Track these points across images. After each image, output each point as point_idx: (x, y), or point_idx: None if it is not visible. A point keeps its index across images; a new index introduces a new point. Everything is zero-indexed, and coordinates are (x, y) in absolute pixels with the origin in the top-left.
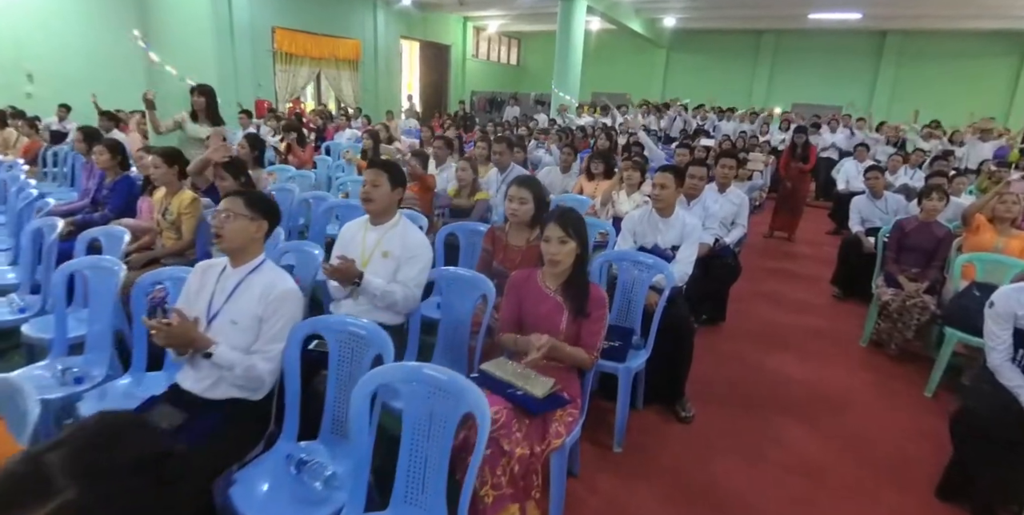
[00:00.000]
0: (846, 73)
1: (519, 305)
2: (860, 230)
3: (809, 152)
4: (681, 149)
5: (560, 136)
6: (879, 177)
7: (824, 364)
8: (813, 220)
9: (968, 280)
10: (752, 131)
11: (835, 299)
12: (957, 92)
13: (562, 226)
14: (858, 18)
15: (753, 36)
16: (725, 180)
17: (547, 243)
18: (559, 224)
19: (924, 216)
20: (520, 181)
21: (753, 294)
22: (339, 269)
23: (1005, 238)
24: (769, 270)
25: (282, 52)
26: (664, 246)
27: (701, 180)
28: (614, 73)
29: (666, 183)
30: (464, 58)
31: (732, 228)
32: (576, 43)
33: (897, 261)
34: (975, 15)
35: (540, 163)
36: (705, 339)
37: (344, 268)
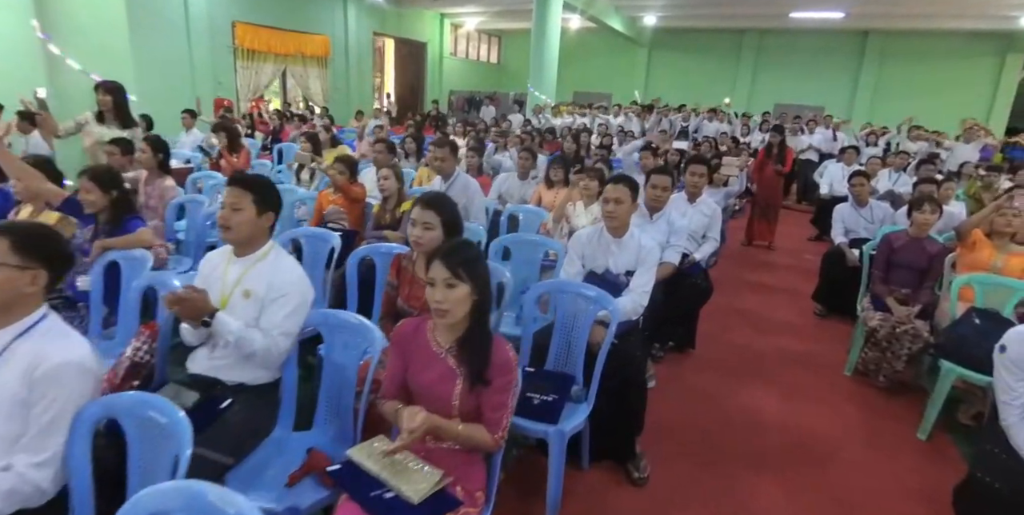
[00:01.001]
0: (828, 73)
1: (404, 365)
2: (843, 242)
3: (786, 154)
4: (644, 151)
5: (522, 138)
6: (865, 183)
7: (805, 400)
8: (794, 224)
9: (966, 303)
10: (732, 132)
11: (817, 317)
12: (939, 92)
13: (449, 266)
14: (840, 17)
15: (735, 35)
16: (695, 189)
17: (431, 288)
18: (445, 263)
19: (915, 231)
20: (425, 201)
21: (728, 312)
22: (183, 299)
23: (1005, 255)
24: (747, 283)
25: (244, 48)
26: (617, 271)
27: (665, 191)
28: (595, 72)
29: (620, 197)
30: (441, 56)
31: (703, 242)
32: (552, 41)
33: (885, 281)
34: (956, 15)
35: (500, 168)
36: (671, 370)
37: (190, 298)
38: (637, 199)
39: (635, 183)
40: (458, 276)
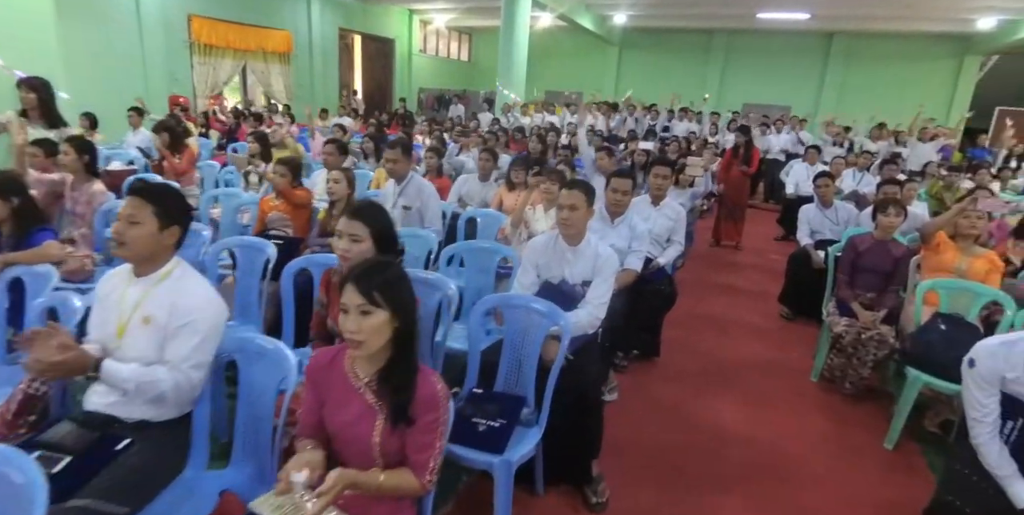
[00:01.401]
0: (796, 74)
1: (320, 401)
2: (809, 243)
3: (752, 154)
4: (600, 152)
5: (484, 138)
6: (829, 185)
7: (771, 409)
8: (761, 223)
9: (931, 307)
10: (701, 132)
11: (783, 319)
12: (902, 93)
13: (363, 290)
14: (806, 19)
15: (704, 35)
16: (659, 191)
17: (344, 315)
18: (358, 287)
19: (880, 234)
20: (353, 211)
21: (694, 317)
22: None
23: (968, 257)
24: (714, 285)
25: (200, 43)
26: (573, 281)
27: (625, 195)
28: (567, 71)
29: (575, 204)
30: (410, 53)
31: (667, 246)
32: (521, 39)
33: (851, 285)
34: (917, 17)
35: (463, 169)
36: (635, 381)
37: (51, 364)
38: (593, 205)
39: (591, 188)
40: (374, 301)
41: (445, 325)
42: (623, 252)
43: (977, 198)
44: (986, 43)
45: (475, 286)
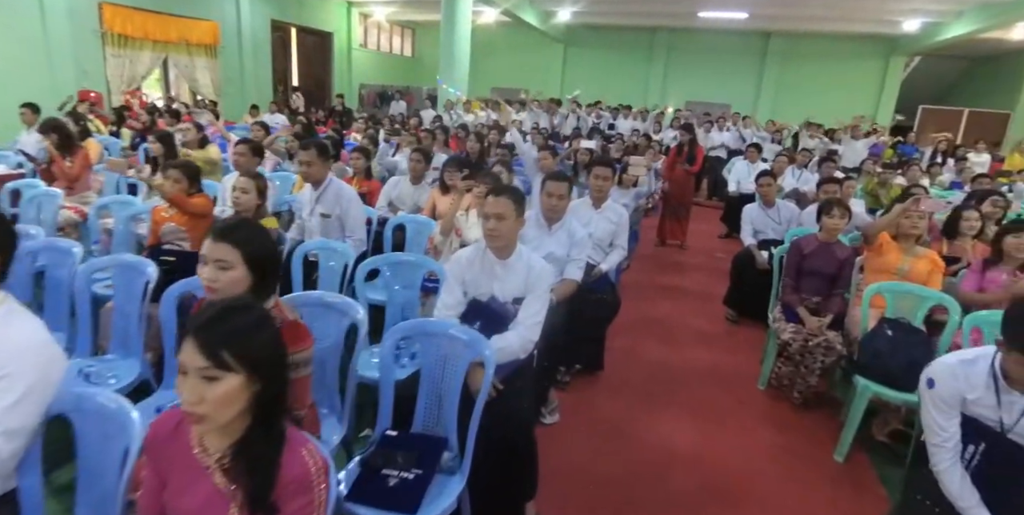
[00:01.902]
0: (735, 72)
1: (161, 481)
2: (752, 243)
3: (696, 152)
4: (544, 152)
5: (418, 137)
6: (772, 184)
7: (718, 423)
8: (705, 221)
9: (877, 309)
10: (645, 129)
11: (729, 322)
12: (833, 91)
13: (206, 348)
14: (744, 18)
15: (647, 33)
16: (600, 193)
17: (181, 378)
18: (200, 344)
19: (824, 236)
20: (219, 231)
21: (640, 323)
22: None
23: (911, 258)
24: (659, 288)
25: (114, 33)
26: (503, 298)
27: (562, 199)
28: (512, 68)
29: (502, 213)
30: (350, 47)
31: (610, 251)
32: (462, 34)
33: (796, 289)
34: (846, 19)
35: (396, 170)
36: (577, 398)
37: None
38: (524, 214)
39: (520, 195)
40: (222, 364)
41: (356, 354)
42: (562, 260)
43: (919, 199)
44: (910, 44)
45: (398, 303)
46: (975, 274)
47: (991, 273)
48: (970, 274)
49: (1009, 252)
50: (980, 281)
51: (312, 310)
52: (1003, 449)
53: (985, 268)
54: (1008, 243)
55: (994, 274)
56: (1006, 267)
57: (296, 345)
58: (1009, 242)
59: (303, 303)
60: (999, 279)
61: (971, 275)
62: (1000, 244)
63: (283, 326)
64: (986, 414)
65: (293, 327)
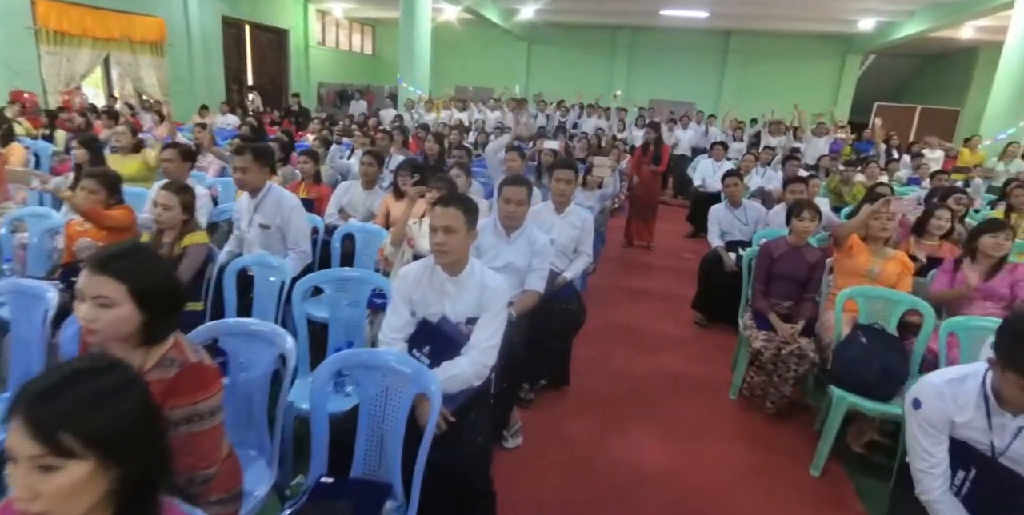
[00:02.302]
0: (697, 70)
1: None
2: (720, 245)
3: (662, 152)
4: (511, 153)
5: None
6: (738, 184)
7: (689, 437)
8: (671, 220)
9: (849, 314)
10: (610, 128)
11: (698, 327)
12: (792, 89)
13: (40, 434)
14: (705, 17)
15: (610, 32)
16: (563, 197)
17: (12, 468)
18: (30, 427)
19: (795, 239)
20: (98, 262)
21: (607, 330)
22: None
23: (881, 260)
24: (626, 291)
25: (49, 30)
26: (456, 319)
27: (520, 205)
28: (476, 66)
29: (451, 224)
30: (307, 45)
31: (574, 257)
32: (422, 31)
33: (766, 294)
34: (804, 18)
35: (350, 174)
36: (542, 417)
37: None
38: (476, 225)
39: (471, 205)
40: (60, 449)
41: (285, 391)
42: (523, 271)
43: (889, 200)
44: (865, 43)
45: (342, 323)
46: (946, 274)
47: (962, 273)
48: (941, 274)
49: (985, 251)
50: (951, 281)
51: (235, 339)
52: (994, 475)
53: (957, 268)
54: (984, 243)
55: (966, 274)
56: (978, 267)
57: (199, 392)
58: (986, 242)
59: (225, 332)
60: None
61: (942, 275)
62: (975, 243)
63: (183, 371)
64: (976, 437)
65: (196, 371)
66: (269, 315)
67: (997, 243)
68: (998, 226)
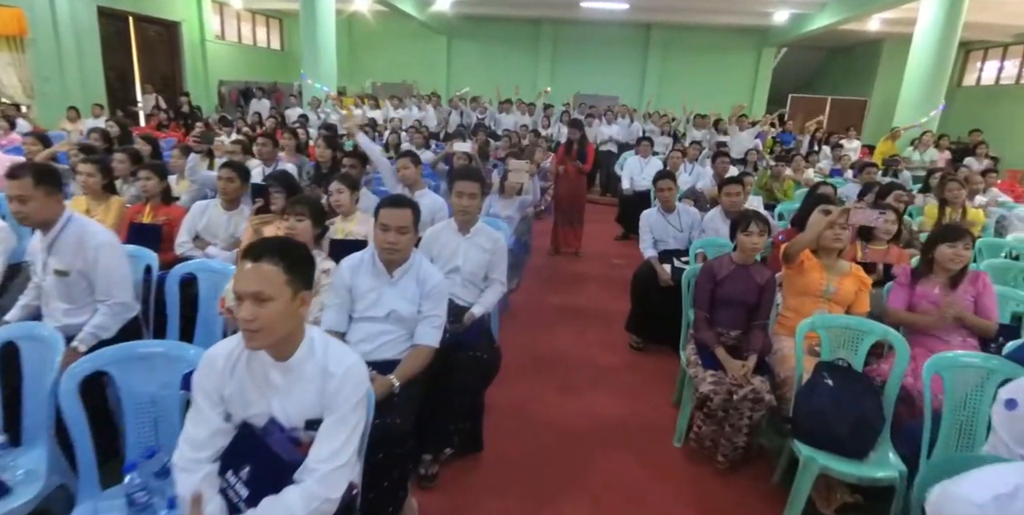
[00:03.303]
0: (620, 64)
1: None
2: (653, 256)
3: (586, 151)
4: (404, 159)
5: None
6: (671, 187)
7: (631, 502)
8: (600, 220)
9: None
10: (533, 124)
11: (633, 350)
12: (712, 82)
13: None
14: (625, 9)
15: (532, 25)
16: (467, 216)
17: None
18: None
19: (741, 257)
20: None
21: (530, 365)
22: None
23: (836, 276)
24: (553, 310)
25: None
26: (290, 423)
27: (404, 233)
28: (394, 61)
29: (261, 292)
30: (203, 39)
31: (485, 286)
32: (326, 23)
33: (710, 322)
34: (721, 11)
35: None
36: (447, 503)
37: None
38: (312, 284)
39: (300, 253)
40: None
41: None
42: (410, 321)
43: (848, 210)
44: (779, 36)
45: (143, 419)
46: (903, 288)
47: (921, 287)
48: (897, 289)
49: (942, 263)
50: (909, 296)
51: None
52: None
53: (914, 281)
54: (941, 253)
55: (925, 288)
56: (937, 279)
57: None
58: (943, 252)
59: None
60: (931, 294)
61: (899, 290)
62: (931, 253)
63: None
64: None
65: None
66: (39, 412)
67: (956, 254)
68: (956, 234)
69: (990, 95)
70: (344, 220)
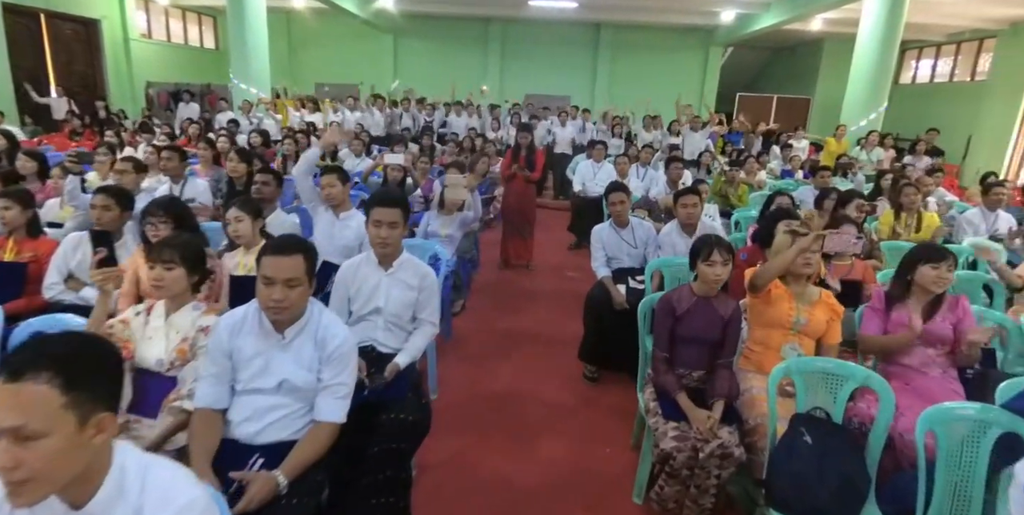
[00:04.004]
0: (571, 63)
1: None
2: (606, 275)
3: (535, 158)
4: (329, 175)
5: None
6: (624, 200)
7: None
8: (552, 228)
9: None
10: (482, 127)
11: (588, 382)
12: (662, 81)
13: None
14: (574, 8)
15: (480, 24)
16: (387, 249)
17: None
18: None
19: (703, 289)
20: None
21: (472, 410)
22: None
23: (807, 306)
24: (501, 336)
25: None
26: None
27: (293, 287)
28: (339, 61)
29: (21, 427)
30: (126, 38)
31: (413, 328)
32: (255, 20)
33: (671, 363)
34: (669, 10)
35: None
36: None
37: None
38: (121, 392)
39: (95, 351)
40: None
41: None
42: (307, 390)
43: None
44: (726, 35)
45: None
46: (877, 314)
47: (897, 313)
48: (871, 315)
49: (924, 286)
50: (884, 323)
51: None
52: None
53: (889, 306)
54: (923, 275)
55: (901, 314)
56: (916, 303)
57: None
58: (925, 274)
59: None
60: (907, 321)
61: (872, 316)
62: (910, 275)
63: None
64: None
65: None
66: None
67: (940, 276)
68: (938, 254)
69: (925, 93)
70: (246, 252)
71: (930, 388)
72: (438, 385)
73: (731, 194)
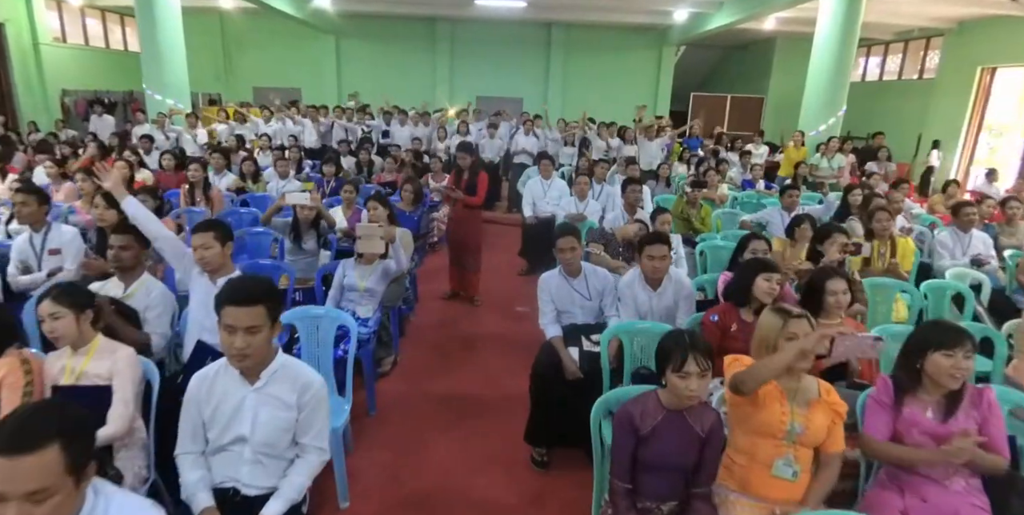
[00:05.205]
0: (523, 64)
1: None
2: (557, 336)
3: (477, 180)
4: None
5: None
6: (576, 247)
7: None
8: (503, 248)
9: None
10: (427, 137)
11: (536, 469)
12: (615, 82)
13: None
14: (523, 7)
15: (427, 23)
16: (246, 362)
17: None
18: None
19: (674, 402)
20: None
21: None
22: None
23: (803, 409)
24: (433, 403)
25: None
26: None
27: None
28: (278, 64)
29: None
30: (35, 42)
31: (297, 456)
32: (169, 22)
33: (631, 495)
34: (621, 9)
35: None
36: None
37: None
38: None
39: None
40: None
41: None
42: None
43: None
44: (679, 34)
45: None
46: (884, 410)
47: (909, 408)
48: (876, 409)
49: (937, 378)
50: (893, 421)
51: None
52: None
53: (898, 400)
54: (935, 365)
55: (914, 410)
56: (929, 397)
57: None
58: (938, 364)
59: None
60: (923, 421)
61: (878, 411)
62: (918, 363)
63: None
64: None
65: None
66: None
67: (955, 367)
68: (952, 339)
69: (874, 90)
70: (74, 353)
71: (952, 505)
72: (348, 489)
73: (693, 216)
